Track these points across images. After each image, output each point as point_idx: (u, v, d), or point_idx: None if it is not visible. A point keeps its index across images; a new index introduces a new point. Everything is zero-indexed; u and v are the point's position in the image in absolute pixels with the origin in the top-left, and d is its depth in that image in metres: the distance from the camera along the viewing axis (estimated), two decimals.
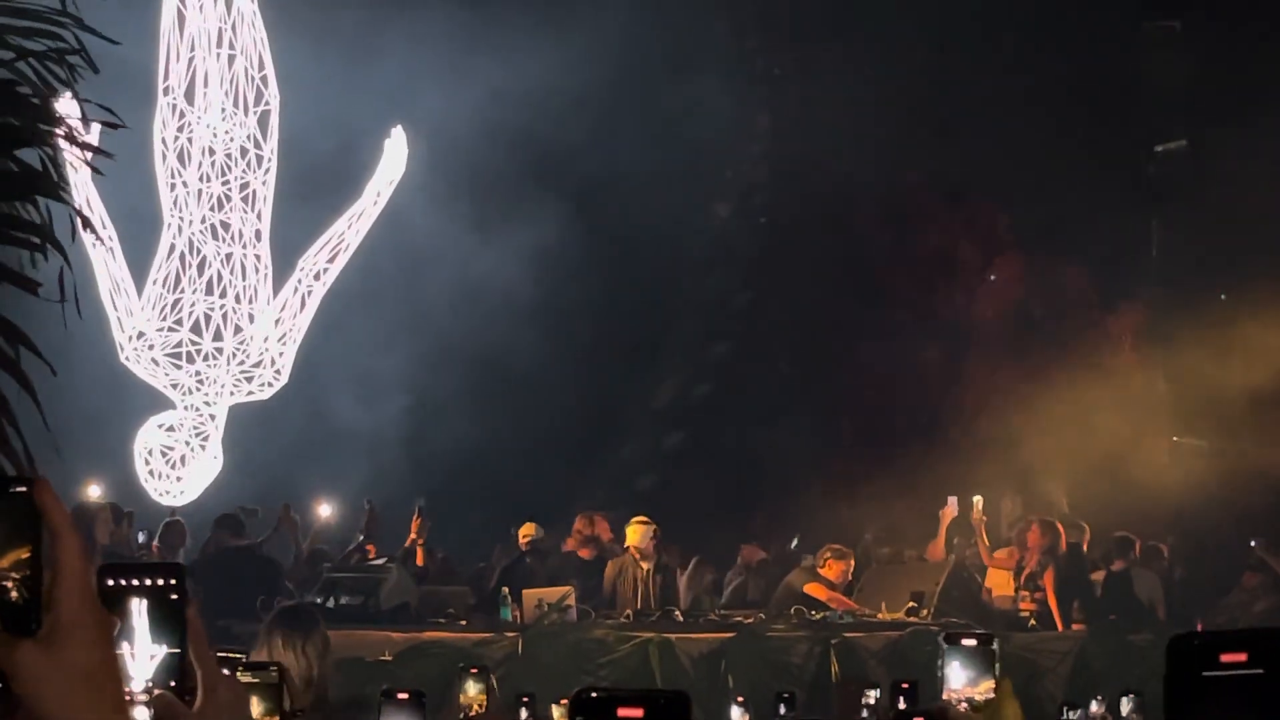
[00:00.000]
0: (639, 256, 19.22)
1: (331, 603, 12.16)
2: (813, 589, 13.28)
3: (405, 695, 4.53)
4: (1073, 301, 18.27)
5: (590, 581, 13.44)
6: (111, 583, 1.87)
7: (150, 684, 1.86)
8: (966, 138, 18.67)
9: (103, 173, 5.80)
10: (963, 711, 3.17)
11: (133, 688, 1.83)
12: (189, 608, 1.89)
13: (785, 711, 7.88)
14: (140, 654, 1.87)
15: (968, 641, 3.22)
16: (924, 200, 19.09)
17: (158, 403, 16.27)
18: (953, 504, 14.76)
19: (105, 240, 15.09)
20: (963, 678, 3.20)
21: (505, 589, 12.74)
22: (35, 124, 5.33)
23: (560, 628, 12.35)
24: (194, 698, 1.89)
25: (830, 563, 13.48)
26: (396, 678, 10.07)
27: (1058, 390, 16.49)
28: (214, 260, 16.21)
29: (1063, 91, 18.53)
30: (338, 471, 16.20)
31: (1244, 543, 15.21)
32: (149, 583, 1.89)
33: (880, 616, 13.13)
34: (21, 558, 1.61)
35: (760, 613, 13.37)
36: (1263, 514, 15.86)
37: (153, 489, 15.99)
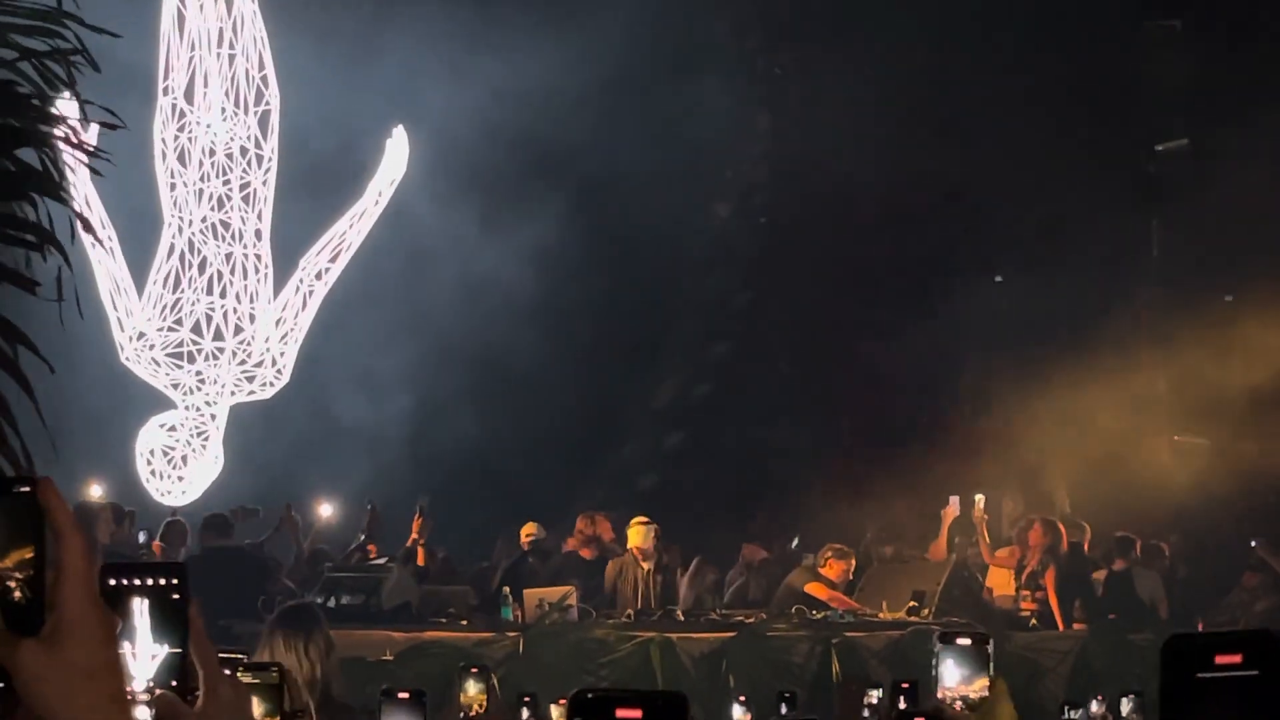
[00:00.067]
0: (639, 256, 19.21)
1: (332, 602, 12.17)
2: (814, 588, 13.28)
3: (406, 695, 4.54)
4: (1073, 301, 18.26)
5: (592, 581, 13.44)
6: (113, 582, 1.87)
7: (152, 683, 1.86)
8: (966, 137, 18.65)
9: (102, 174, 5.80)
10: (957, 711, 3.17)
11: (134, 687, 1.83)
12: (191, 607, 1.89)
13: (787, 711, 7.89)
14: (142, 653, 1.87)
15: (962, 641, 3.22)
16: (924, 200, 19.08)
17: (159, 402, 16.27)
18: (954, 503, 14.77)
19: (104, 241, 15.10)
20: (957, 676, 3.20)
21: (506, 589, 12.76)
22: (35, 124, 5.32)
23: (561, 627, 12.36)
24: (196, 697, 1.88)
25: (831, 562, 13.48)
26: (397, 677, 10.08)
27: (1058, 390, 16.49)
28: (214, 260, 16.21)
29: (1063, 91, 18.53)
30: (339, 470, 16.20)
31: (1244, 542, 15.21)
32: (151, 582, 1.89)
33: (881, 616, 13.13)
34: (25, 557, 1.61)
35: (761, 612, 13.37)
36: (1263, 513, 15.86)
37: (154, 489, 15.99)
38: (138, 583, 1.88)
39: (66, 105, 5.50)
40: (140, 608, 1.87)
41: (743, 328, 20.72)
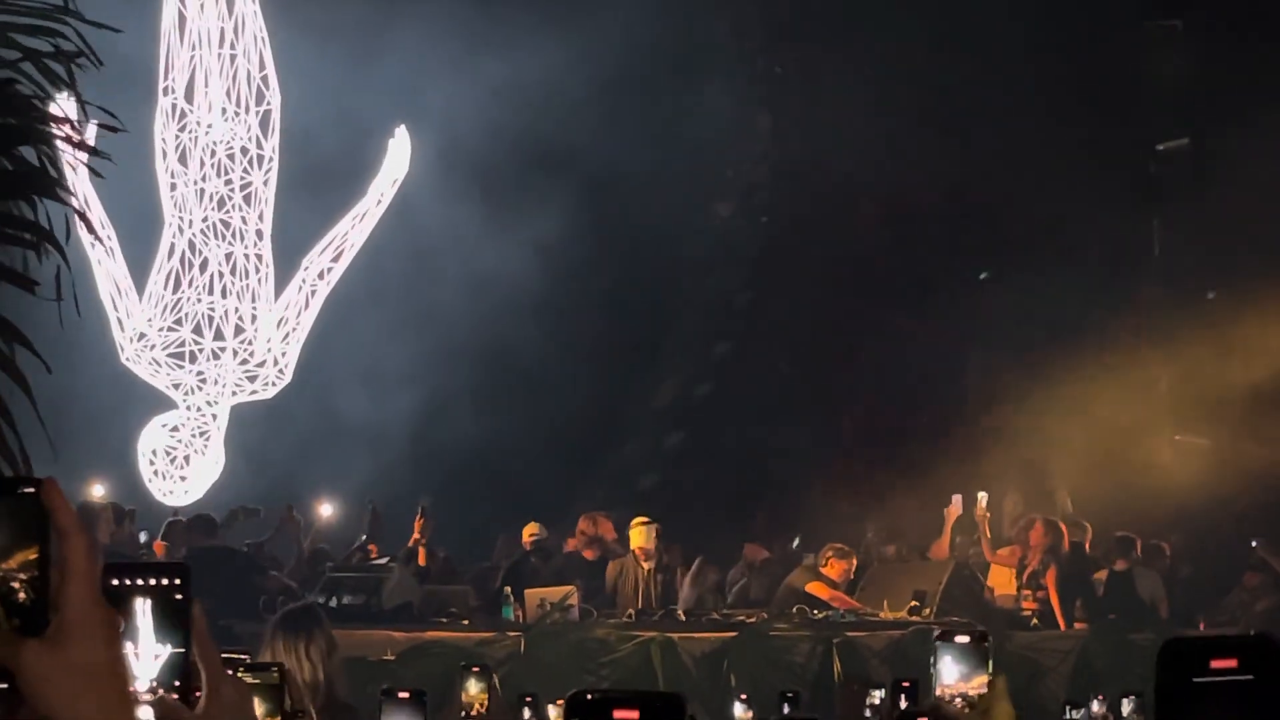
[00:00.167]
0: (640, 256, 19.21)
1: (334, 602, 12.18)
2: (815, 588, 13.28)
3: (406, 694, 4.54)
4: (1074, 300, 18.25)
5: (594, 581, 13.44)
6: (116, 582, 1.87)
7: (155, 683, 1.86)
8: (967, 137, 18.65)
9: (102, 175, 5.79)
10: (956, 708, 3.16)
11: (137, 687, 1.83)
12: (193, 607, 1.89)
13: (789, 711, 7.88)
14: (144, 653, 1.86)
15: (961, 639, 3.22)
16: (925, 199, 19.07)
17: (160, 402, 16.26)
18: (957, 502, 14.77)
19: (104, 240, 15.09)
20: (956, 674, 3.20)
21: (508, 588, 12.75)
22: (34, 123, 5.32)
23: (562, 627, 12.36)
24: (198, 697, 1.88)
25: (832, 562, 13.48)
26: (399, 677, 10.08)
27: (1059, 389, 16.48)
28: (214, 260, 16.20)
29: (1064, 90, 18.52)
30: (342, 470, 16.19)
31: (1245, 542, 15.21)
32: (153, 582, 1.89)
33: (882, 616, 13.13)
34: (29, 558, 1.61)
35: (762, 612, 13.37)
36: (1264, 513, 15.85)
37: (157, 489, 15.98)
38: (140, 583, 1.88)
39: (66, 104, 5.50)
40: (143, 608, 1.87)
41: (743, 327, 20.71)
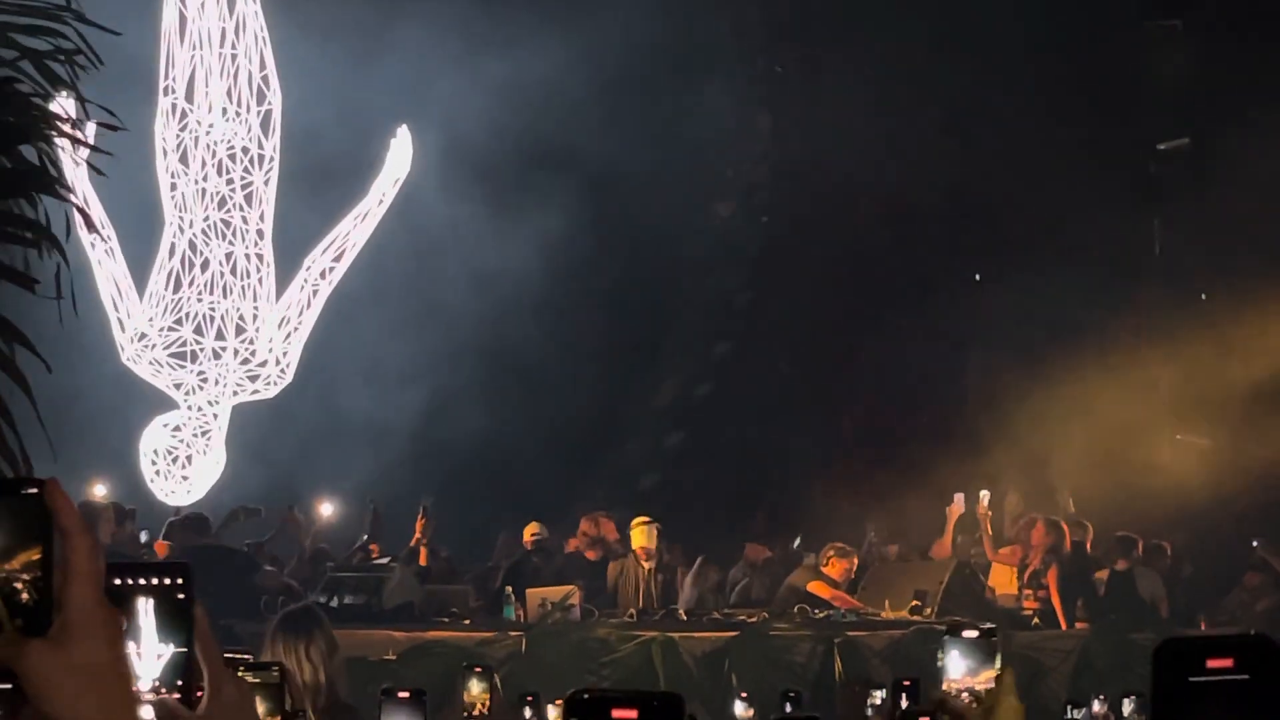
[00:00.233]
0: (640, 255, 19.21)
1: (335, 602, 12.18)
2: (816, 587, 13.28)
3: (406, 694, 4.53)
4: (1074, 300, 18.25)
5: (596, 581, 13.44)
6: (118, 582, 1.86)
7: (157, 683, 1.86)
8: (967, 136, 18.65)
9: (102, 172, 5.79)
10: (963, 703, 3.15)
11: (140, 687, 1.83)
12: (196, 607, 1.89)
13: (791, 710, 7.87)
14: (146, 653, 1.86)
15: (969, 633, 3.21)
16: (925, 198, 19.07)
17: (162, 401, 16.26)
18: (959, 501, 14.77)
19: (104, 237, 15.09)
20: (963, 668, 3.18)
21: (509, 588, 12.75)
22: (34, 121, 5.32)
23: (563, 627, 12.36)
24: (200, 697, 1.88)
25: (833, 561, 13.48)
26: (400, 677, 10.07)
27: (1060, 388, 16.48)
28: (214, 260, 16.20)
29: (1064, 90, 18.52)
30: (343, 469, 16.18)
31: (1246, 542, 15.21)
32: (155, 582, 1.89)
33: (884, 615, 13.13)
34: (32, 558, 1.61)
35: (763, 612, 13.36)
36: (1265, 513, 15.85)
37: (159, 489, 15.97)
38: (142, 582, 1.88)
39: (66, 103, 5.50)
40: (145, 607, 1.87)
41: (744, 327, 20.71)
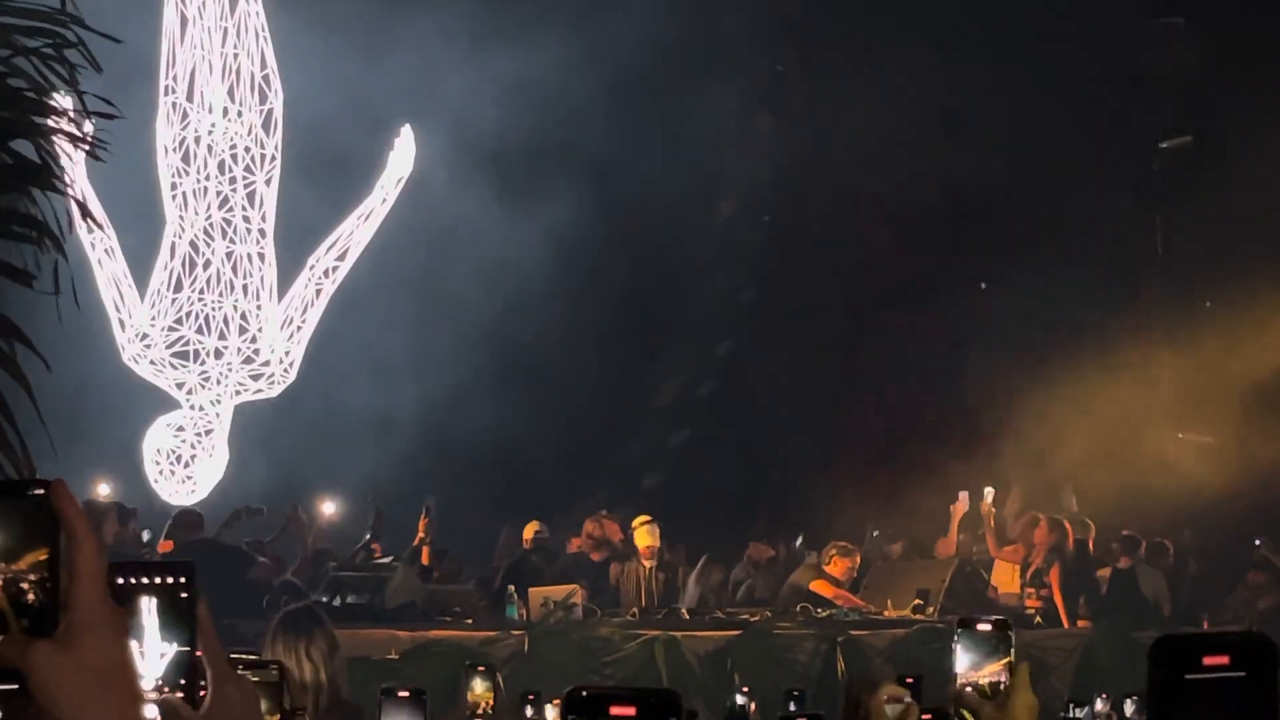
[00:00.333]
0: (643, 254, 19.20)
1: (338, 601, 12.18)
2: (819, 586, 13.28)
3: (406, 693, 4.53)
4: (1077, 299, 18.25)
5: (599, 581, 13.44)
6: (121, 581, 1.87)
7: (160, 682, 1.86)
8: (970, 135, 18.65)
9: (100, 158, 5.79)
10: (976, 698, 3.14)
11: (143, 686, 1.83)
12: (199, 605, 1.89)
13: (795, 708, 7.87)
14: (150, 652, 1.87)
15: (982, 627, 3.20)
16: (927, 197, 19.06)
17: (164, 399, 16.27)
18: (963, 499, 14.78)
19: (104, 232, 15.09)
20: (976, 663, 3.17)
21: (511, 587, 12.75)
22: (30, 117, 5.32)
23: (566, 626, 12.36)
24: (204, 696, 1.89)
25: (835, 560, 13.48)
26: (403, 676, 10.07)
27: (1063, 388, 16.48)
28: (214, 260, 16.20)
29: (1066, 88, 18.51)
30: (347, 467, 16.18)
31: (1248, 541, 15.21)
32: (158, 581, 1.89)
33: (886, 614, 13.13)
34: (39, 559, 1.62)
35: (766, 610, 13.36)
36: (1267, 512, 15.85)
37: (163, 489, 15.98)
38: (145, 581, 1.89)
39: (64, 101, 5.50)
40: (148, 606, 1.88)
41: (746, 326, 20.71)
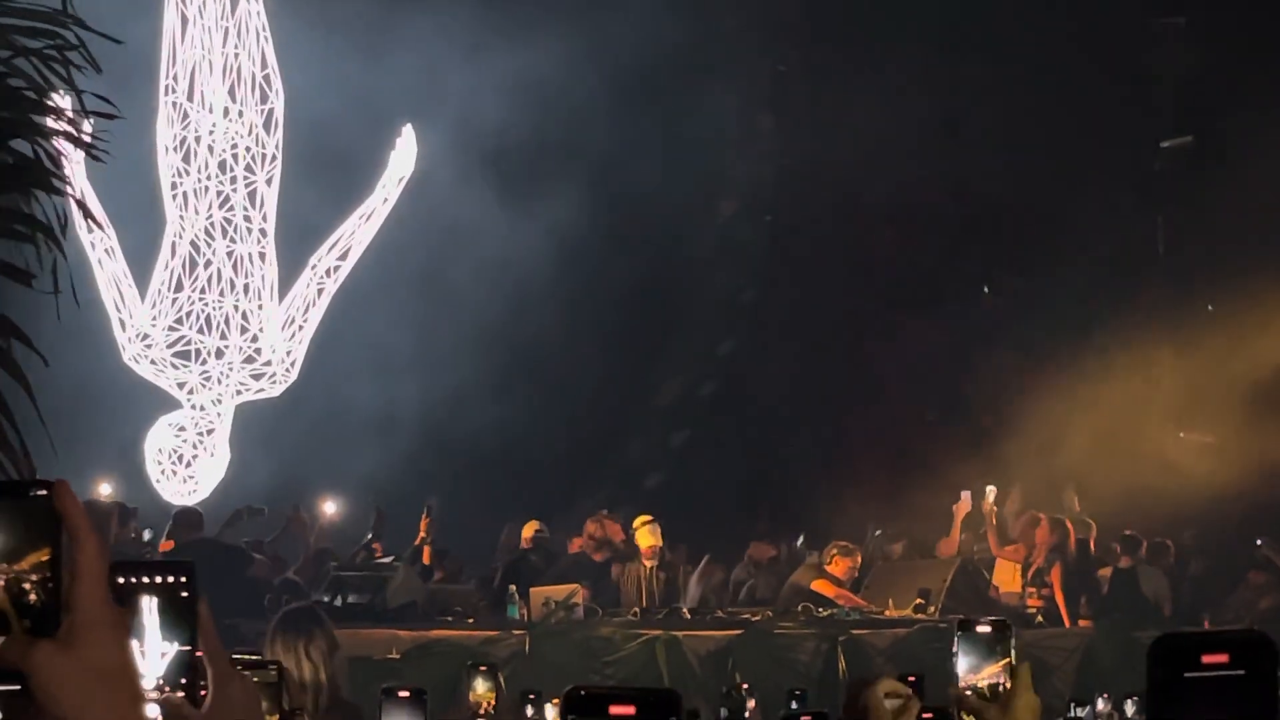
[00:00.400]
0: (645, 254, 19.20)
1: (339, 601, 12.18)
2: (820, 586, 13.28)
3: (406, 693, 4.53)
4: (1078, 298, 18.25)
5: (600, 581, 13.43)
6: (122, 580, 1.87)
7: (161, 681, 1.86)
8: (971, 135, 18.65)
9: (102, 160, 5.79)
10: (977, 700, 3.13)
11: (144, 685, 1.83)
12: (200, 605, 1.89)
13: (796, 708, 7.86)
14: (151, 651, 1.87)
15: (981, 629, 3.19)
16: (929, 197, 19.07)
17: (165, 398, 16.26)
18: (966, 499, 14.77)
19: (104, 232, 15.09)
20: (977, 664, 3.16)
21: (513, 587, 12.74)
22: (30, 117, 5.32)
23: (567, 625, 12.36)
24: (205, 695, 1.89)
25: (837, 559, 13.48)
26: (404, 676, 10.08)
27: (1065, 387, 16.48)
28: (215, 260, 16.20)
29: (1067, 88, 18.51)
30: (348, 466, 16.18)
31: (1249, 540, 15.20)
32: (159, 580, 1.89)
33: (887, 614, 13.12)
34: (41, 560, 1.62)
35: (767, 610, 13.36)
36: (1268, 511, 15.84)
37: (165, 490, 15.97)
38: (146, 581, 1.89)
39: (63, 101, 5.50)
40: (149, 605, 1.88)
41: (748, 325, 20.70)
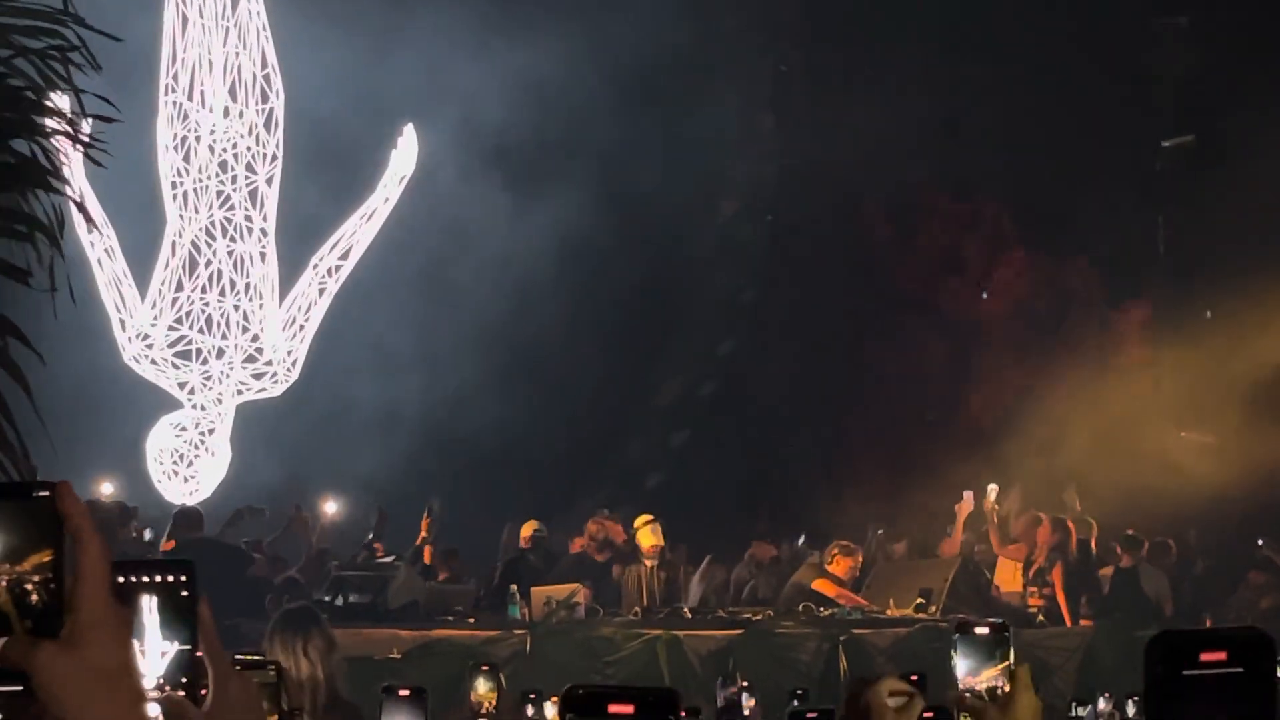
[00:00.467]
0: (646, 254, 19.21)
1: (340, 601, 12.18)
2: (821, 585, 13.27)
3: (406, 692, 4.53)
4: (1079, 298, 18.26)
5: (601, 581, 13.43)
6: (122, 580, 1.87)
7: (161, 681, 1.86)
8: (972, 134, 18.67)
9: (102, 165, 5.79)
10: (980, 702, 3.13)
11: (145, 685, 1.83)
12: (200, 604, 1.89)
13: (798, 705, 7.85)
14: (151, 651, 1.87)
15: (980, 630, 3.18)
16: (930, 197, 19.08)
17: (166, 397, 16.27)
18: (969, 498, 14.76)
19: (102, 231, 15.08)
20: (976, 666, 3.16)
21: (514, 586, 12.74)
22: (30, 117, 5.32)
23: (568, 625, 12.35)
24: (205, 694, 1.89)
25: (838, 559, 13.47)
26: (405, 676, 10.07)
27: (1065, 387, 16.48)
28: (215, 260, 16.20)
29: (1069, 88, 18.52)
30: (349, 465, 16.18)
31: (1250, 540, 15.20)
32: (159, 579, 1.89)
33: (889, 613, 13.11)
34: (44, 560, 1.62)
35: (769, 610, 13.35)
36: (1269, 511, 15.84)
37: (166, 490, 15.98)
38: (146, 580, 1.89)
39: (62, 100, 5.50)
40: (149, 605, 1.88)
41: (748, 325, 20.71)
